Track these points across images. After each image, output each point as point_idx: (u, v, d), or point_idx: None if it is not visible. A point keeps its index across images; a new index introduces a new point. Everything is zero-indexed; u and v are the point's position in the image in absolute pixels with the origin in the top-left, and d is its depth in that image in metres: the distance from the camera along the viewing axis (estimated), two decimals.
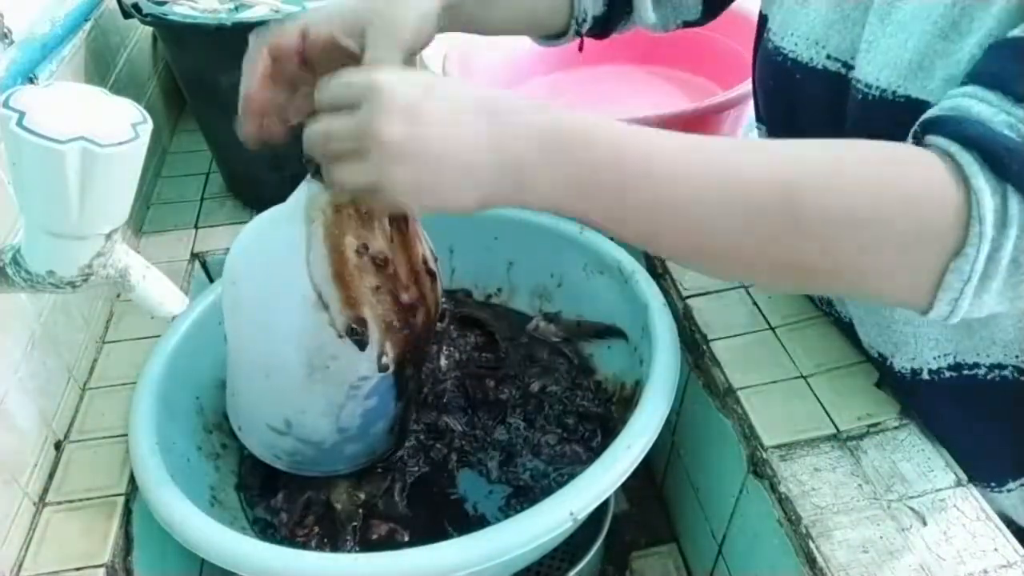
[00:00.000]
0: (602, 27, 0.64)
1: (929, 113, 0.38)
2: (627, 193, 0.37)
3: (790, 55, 0.53)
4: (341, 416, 0.56)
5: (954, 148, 0.35)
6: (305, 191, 0.50)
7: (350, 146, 0.38)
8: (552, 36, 0.65)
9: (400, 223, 0.52)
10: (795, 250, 0.37)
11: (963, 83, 0.38)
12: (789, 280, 0.40)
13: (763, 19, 0.58)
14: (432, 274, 0.55)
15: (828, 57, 0.50)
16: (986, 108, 0.35)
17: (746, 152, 0.38)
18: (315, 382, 0.54)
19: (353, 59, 0.47)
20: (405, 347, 0.54)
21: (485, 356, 0.72)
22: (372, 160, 0.38)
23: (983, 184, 0.34)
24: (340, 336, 0.51)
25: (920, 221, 0.35)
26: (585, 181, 0.38)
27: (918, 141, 0.38)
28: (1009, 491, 0.55)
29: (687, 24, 0.66)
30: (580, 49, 0.67)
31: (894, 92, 0.44)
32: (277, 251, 0.51)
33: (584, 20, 0.63)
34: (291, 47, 0.48)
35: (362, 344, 0.52)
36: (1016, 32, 0.37)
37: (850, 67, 0.48)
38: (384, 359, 0.54)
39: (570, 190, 0.38)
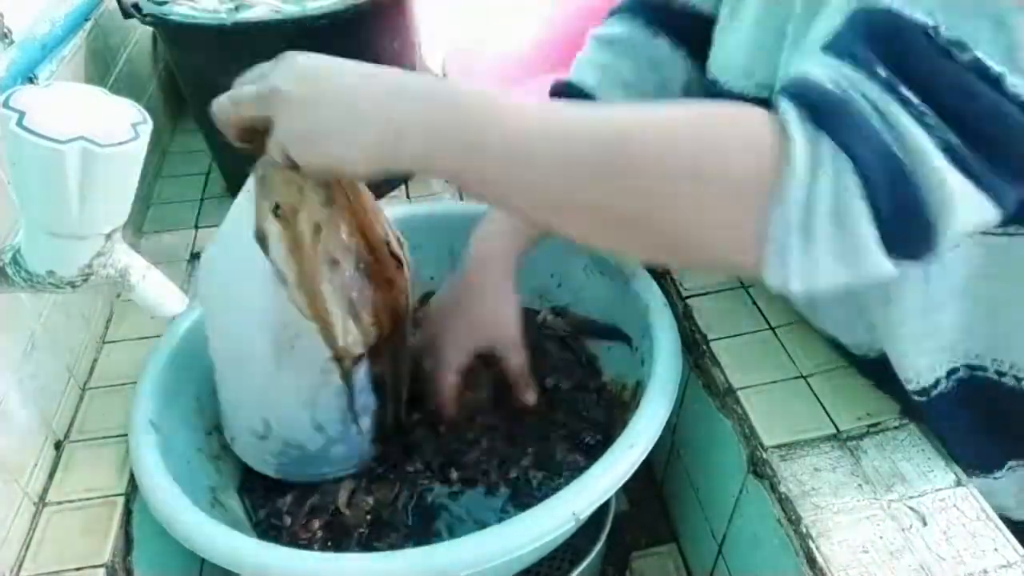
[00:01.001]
0: None
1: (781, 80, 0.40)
2: (482, 149, 0.40)
3: (724, 86, 0.56)
4: (317, 410, 0.56)
5: (783, 104, 0.37)
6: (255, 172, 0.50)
7: (254, 107, 0.43)
8: None
9: (353, 199, 0.52)
10: (618, 201, 0.39)
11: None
12: (617, 232, 0.41)
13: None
14: (397, 258, 0.55)
15: (757, 85, 0.53)
16: (821, 71, 0.37)
17: (588, 110, 0.41)
18: (283, 367, 0.53)
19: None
20: (373, 331, 0.54)
21: None
22: (277, 120, 0.43)
23: (796, 129, 0.35)
24: (301, 313, 0.51)
25: (739, 169, 0.36)
26: (452, 140, 0.41)
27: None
28: (996, 478, 0.55)
29: None
30: None
31: None
32: (239, 231, 0.51)
33: None
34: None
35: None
36: (860, 4, 0.38)
37: None
38: (350, 339, 0.53)
39: (441, 150, 0.41)
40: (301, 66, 0.43)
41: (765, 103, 0.47)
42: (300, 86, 0.42)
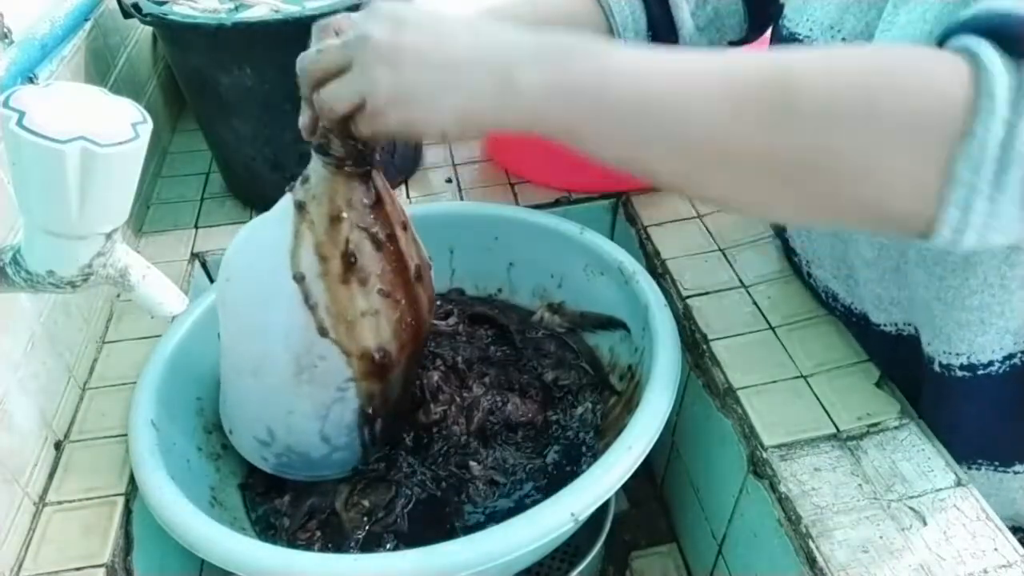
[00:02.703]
0: None
1: (950, 22, 0.36)
2: (608, 91, 0.37)
3: (804, 40, 0.53)
4: (326, 423, 0.56)
5: (966, 39, 0.33)
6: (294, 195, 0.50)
7: (339, 59, 0.40)
8: None
9: (393, 230, 0.52)
10: (786, 143, 0.35)
11: None
12: (776, 184, 0.37)
13: (779, 8, 0.59)
14: (423, 284, 0.55)
15: (843, 40, 0.50)
16: (1012, 1, 0.33)
17: (737, 54, 0.38)
18: (302, 382, 0.53)
19: None
20: (395, 354, 0.54)
21: (502, 351, 0.72)
22: (357, 67, 0.39)
23: (993, 59, 0.32)
24: (327, 337, 0.51)
25: (922, 106, 0.33)
26: (567, 83, 0.38)
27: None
28: (1016, 472, 0.55)
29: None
30: None
31: None
32: (270, 249, 0.51)
33: None
34: None
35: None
36: None
37: None
38: (379, 356, 0.53)
39: (553, 95, 0.38)
40: (392, 11, 0.40)
41: None
42: (390, 30, 0.39)
